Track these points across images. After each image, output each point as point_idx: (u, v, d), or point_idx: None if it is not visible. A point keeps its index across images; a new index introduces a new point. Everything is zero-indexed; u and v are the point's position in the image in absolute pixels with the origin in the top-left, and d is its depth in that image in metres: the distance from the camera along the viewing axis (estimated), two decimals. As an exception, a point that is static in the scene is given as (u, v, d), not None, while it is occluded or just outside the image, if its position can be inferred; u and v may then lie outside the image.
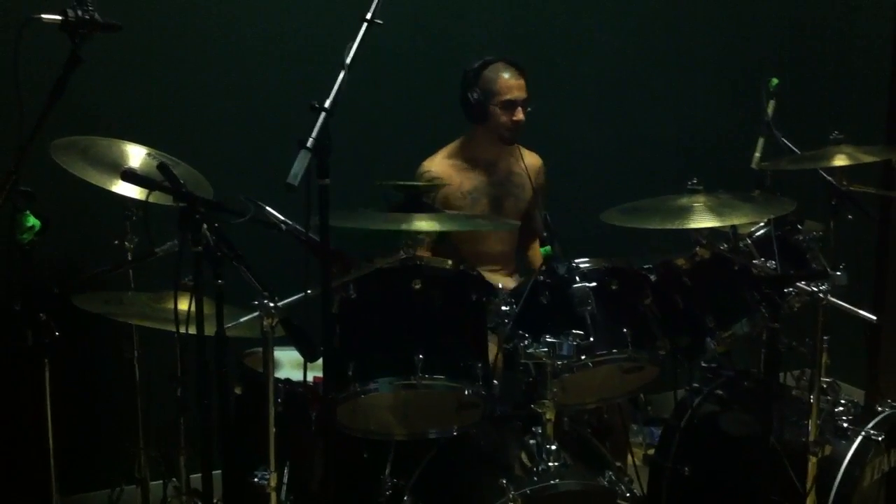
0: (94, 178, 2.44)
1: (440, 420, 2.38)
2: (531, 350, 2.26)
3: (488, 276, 2.43)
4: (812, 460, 2.33)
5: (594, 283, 2.34)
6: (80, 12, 2.06)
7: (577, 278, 2.34)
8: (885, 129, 3.83)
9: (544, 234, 2.43)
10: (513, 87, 2.93)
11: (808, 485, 2.34)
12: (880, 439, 2.45)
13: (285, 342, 2.12)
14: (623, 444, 2.78)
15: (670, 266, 2.59)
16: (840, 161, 2.76)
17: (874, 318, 2.36)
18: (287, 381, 2.40)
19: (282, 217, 2.25)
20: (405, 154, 3.16)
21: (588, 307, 2.31)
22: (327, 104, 1.83)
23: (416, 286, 2.21)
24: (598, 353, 2.32)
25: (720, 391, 2.77)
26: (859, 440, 2.45)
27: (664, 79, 3.80)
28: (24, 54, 2.05)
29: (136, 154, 2.53)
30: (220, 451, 2.25)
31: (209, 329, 2.06)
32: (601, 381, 2.49)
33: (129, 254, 2.72)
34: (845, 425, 2.49)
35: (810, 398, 2.33)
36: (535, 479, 2.21)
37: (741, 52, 3.91)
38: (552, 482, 2.20)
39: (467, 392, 2.24)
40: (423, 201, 2.37)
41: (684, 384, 2.82)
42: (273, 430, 2.10)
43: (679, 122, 3.82)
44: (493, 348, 2.35)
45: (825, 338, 2.34)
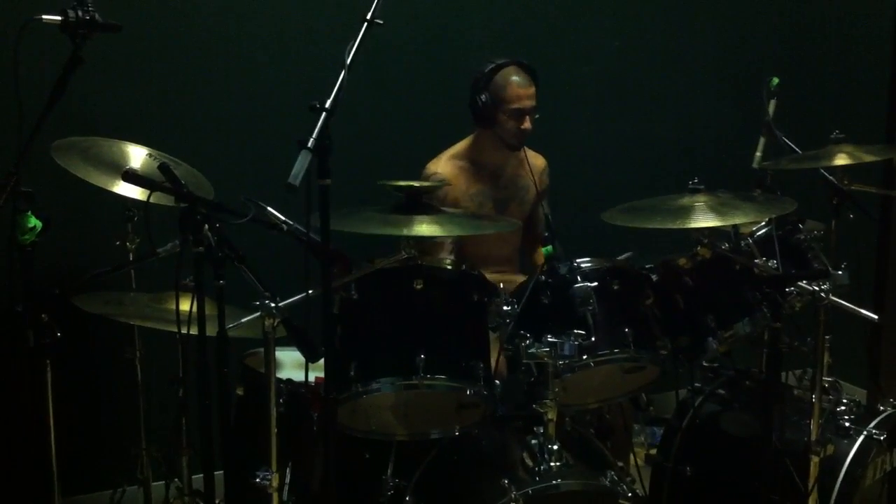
0: (95, 178, 2.43)
1: (442, 420, 2.37)
2: (533, 350, 2.26)
3: (494, 278, 2.41)
4: (814, 460, 2.33)
5: (595, 283, 2.34)
6: (80, 13, 2.06)
7: (579, 278, 2.35)
8: (886, 129, 3.83)
9: (545, 233, 2.42)
10: (522, 96, 2.87)
11: (810, 484, 2.33)
12: (882, 439, 2.45)
13: (287, 342, 2.13)
14: (625, 444, 2.78)
15: (671, 266, 2.59)
16: (841, 160, 2.76)
17: (875, 317, 2.36)
18: (288, 381, 2.39)
19: (283, 217, 2.24)
20: (406, 154, 3.16)
21: (589, 307, 2.32)
22: (328, 104, 1.82)
23: (418, 286, 2.22)
24: (599, 352, 2.32)
25: (722, 391, 2.77)
26: (861, 440, 2.45)
27: (665, 78, 3.80)
28: (24, 55, 2.05)
29: (137, 155, 2.52)
30: (222, 452, 2.26)
31: (210, 330, 2.06)
32: (602, 381, 2.49)
33: (130, 254, 2.72)
34: (847, 425, 2.49)
35: (812, 398, 2.33)
36: (537, 479, 2.21)
37: (742, 52, 3.90)
38: (554, 482, 2.20)
39: (469, 392, 2.24)
40: (425, 202, 2.37)
41: (686, 384, 2.82)
42: (274, 430, 2.10)
43: (680, 121, 3.82)
44: (494, 349, 2.35)
45: (827, 337, 2.34)
